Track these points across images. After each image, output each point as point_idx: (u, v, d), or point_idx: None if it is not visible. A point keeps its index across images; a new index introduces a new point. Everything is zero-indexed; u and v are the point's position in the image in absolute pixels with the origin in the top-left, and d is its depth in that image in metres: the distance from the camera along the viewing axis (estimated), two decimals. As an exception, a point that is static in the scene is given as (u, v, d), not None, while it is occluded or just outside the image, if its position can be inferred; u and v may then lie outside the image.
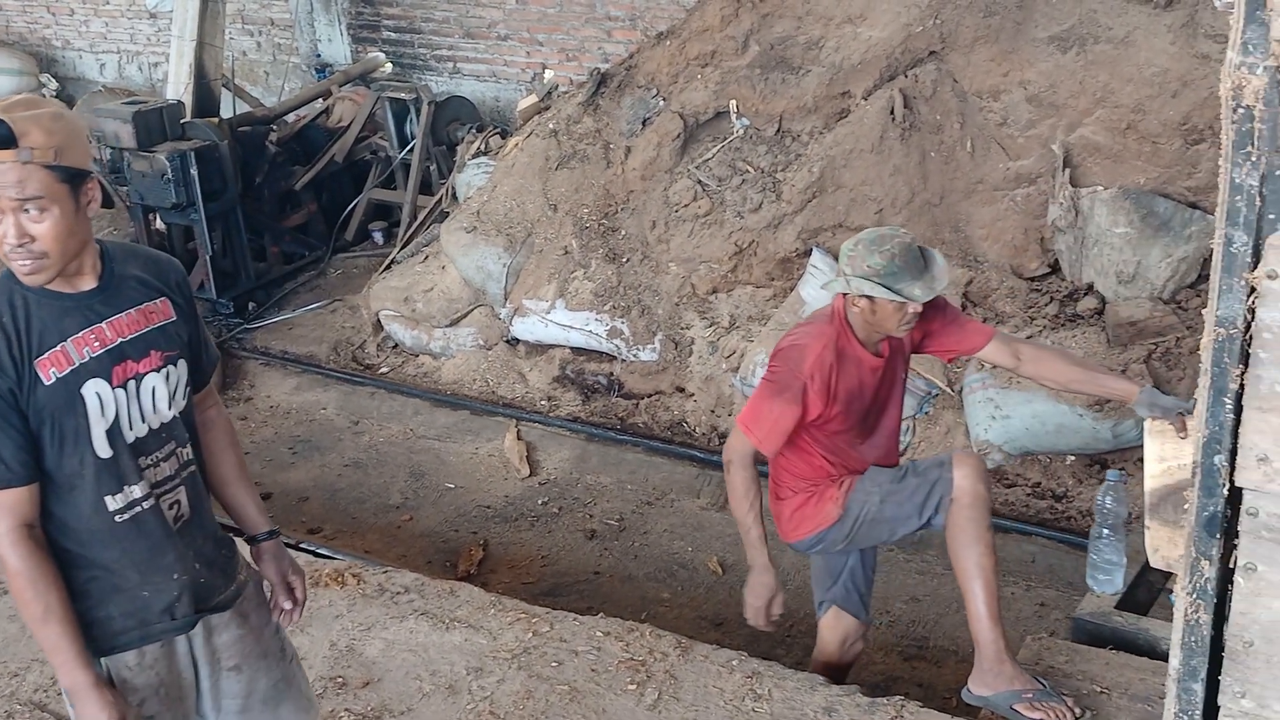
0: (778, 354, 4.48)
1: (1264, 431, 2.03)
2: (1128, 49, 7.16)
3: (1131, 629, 4.73)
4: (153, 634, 3.13)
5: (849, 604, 4.85)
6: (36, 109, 2.83)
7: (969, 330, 4.61)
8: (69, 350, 2.92)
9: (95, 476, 2.97)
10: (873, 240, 4.31)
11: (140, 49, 14.25)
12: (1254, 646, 2.18)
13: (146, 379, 3.05)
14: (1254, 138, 1.90)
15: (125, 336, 3.02)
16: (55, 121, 2.84)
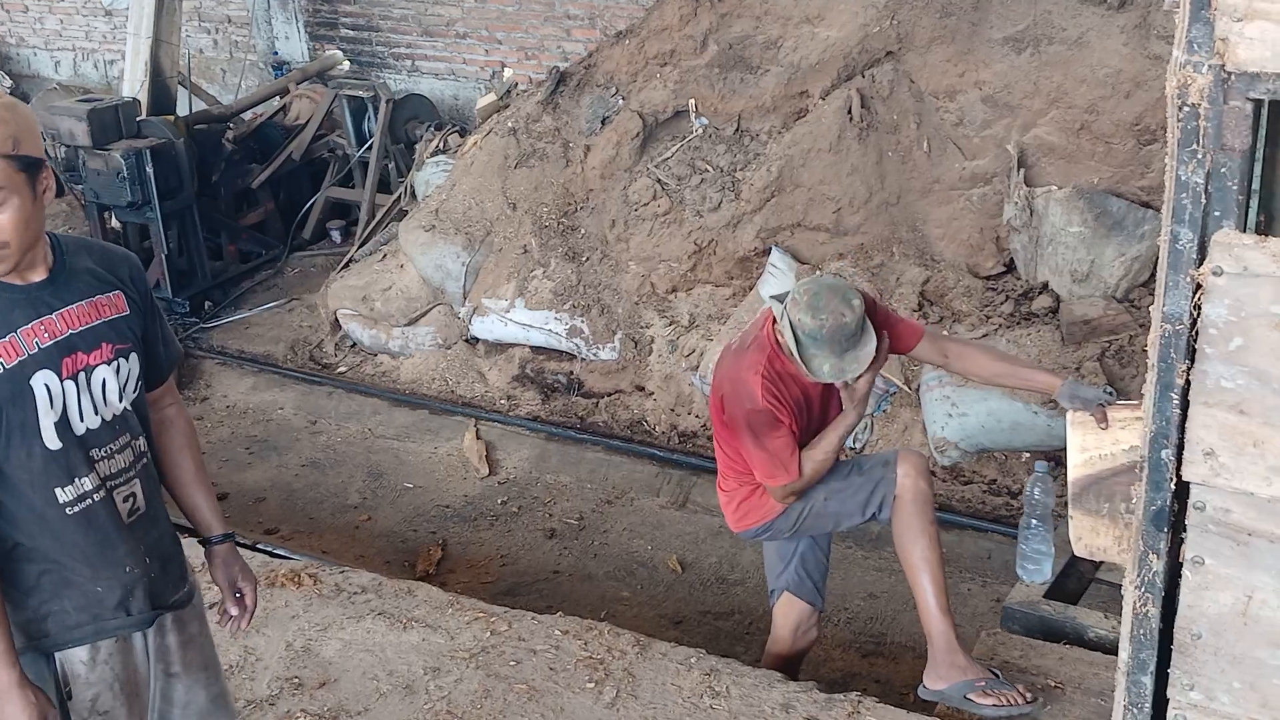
0: (724, 402, 4.53)
1: (1210, 426, 2.06)
2: (1081, 50, 7.21)
3: (1059, 617, 4.81)
4: (106, 629, 3.11)
5: (802, 590, 4.90)
6: None
7: (900, 331, 4.65)
8: (17, 341, 2.90)
9: (44, 468, 2.95)
10: (817, 298, 4.29)
11: (96, 46, 14.14)
12: (1202, 639, 2.21)
13: (96, 371, 3.02)
14: (1199, 135, 1.92)
15: (75, 329, 3.00)
16: (10, 111, 2.83)
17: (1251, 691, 2.20)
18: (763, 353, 4.47)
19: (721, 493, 4.83)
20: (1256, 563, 2.11)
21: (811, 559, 4.90)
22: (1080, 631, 4.75)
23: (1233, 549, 2.12)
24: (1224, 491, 2.09)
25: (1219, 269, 1.96)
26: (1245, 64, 1.85)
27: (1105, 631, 4.69)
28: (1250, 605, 2.14)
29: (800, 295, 4.31)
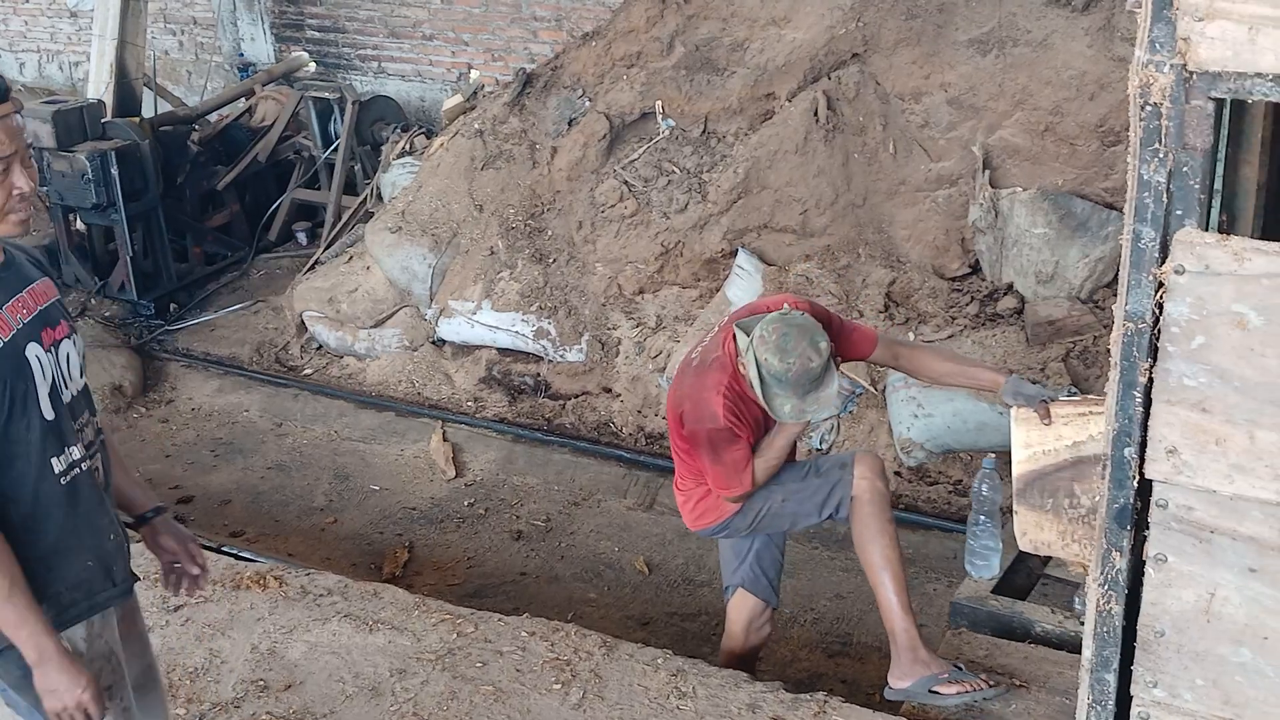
0: (684, 418, 4.56)
1: (1172, 424, 2.07)
2: (1046, 52, 7.25)
3: (1007, 612, 4.85)
4: (99, 603, 3.15)
5: (756, 587, 4.94)
6: None
7: (855, 339, 4.70)
8: (6, 316, 2.94)
9: (41, 439, 2.98)
10: (786, 340, 4.28)
11: (60, 48, 14.05)
12: (1165, 636, 2.22)
13: (63, 345, 3.08)
14: (1161, 135, 1.93)
15: (41, 305, 3.06)
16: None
17: (1214, 688, 2.21)
18: (725, 373, 4.49)
19: (679, 492, 4.87)
20: (1219, 560, 2.12)
21: (767, 556, 4.94)
22: (1027, 626, 4.79)
23: (1195, 546, 2.13)
24: (1186, 489, 2.10)
25: (1181, 267, 1.97)
26: (1207, 63, 1.86)
27: (1051, 626, 4.74)
28: (1213, 602, 2.15)
29: (769, 334, 4.28)
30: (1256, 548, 2.08)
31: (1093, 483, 4.07)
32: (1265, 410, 1.99)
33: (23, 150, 2.87)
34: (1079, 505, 4.18)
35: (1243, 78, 1.85)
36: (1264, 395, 1.99)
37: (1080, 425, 4.16)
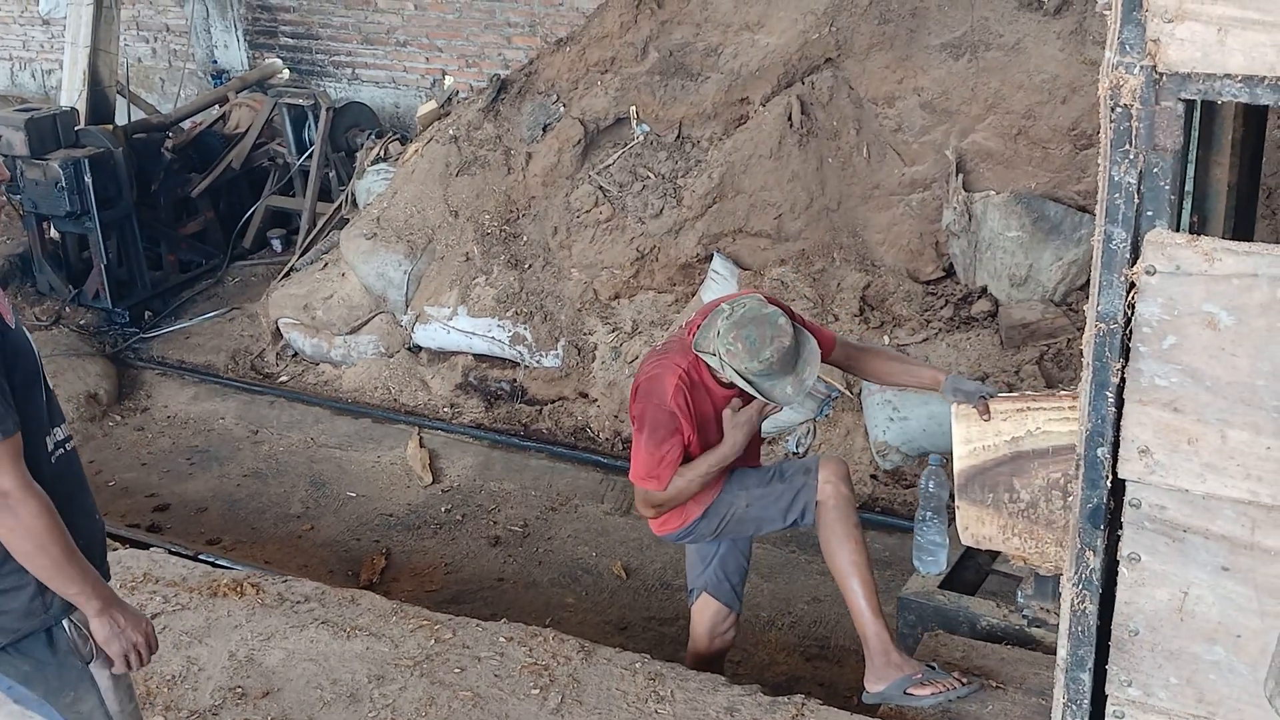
0: (637, 393, 4.55)
1: (1144, 424, 2.08)
2: (1018, 56, 7.28)
3: (953, 607, 4.92)
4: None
5: (719, 592, 4.95)
6: None
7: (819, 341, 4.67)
8: (4, 304, 3.03)
9: (38, 417, 3.03)
10: (752, 341, 4.26)
11: (33, 56, 13.98)
12: (1139, 635, 2.23)
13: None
14: (1132, 136, 1.95)
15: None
16: None
17: (1188, 686, 2.22)
18: (685, 357, 4.49)
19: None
20: (1191, 559, 2.13)
21: (731, 562, 4.95)
22: (973, 621, 4.84)
23: (1168, 545, 2.14)
24: (1159, 488, 2.11)
25: (1152, 268, 1.99)
26: (1176, 65, 1.88)
27: (996, 620, 4.79)
28: (1186, 601, 2.17)
29: (734, 345, 4.26)
30: (1229, 546, 2.10)
31: (1032, 477, 4.22)
32: (1236, 409, 2.01)
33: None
34: (1019, 499, 4.27)
35: (1212, 79, 1.87)
36: (1235, 395, 2.00)
37: (1019, 420, 4.22)
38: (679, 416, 4.43)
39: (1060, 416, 4.14)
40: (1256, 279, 1.92)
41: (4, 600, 3.06)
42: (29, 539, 2.94)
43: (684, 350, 4.51)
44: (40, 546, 2.95)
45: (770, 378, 4.30)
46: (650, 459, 4.46)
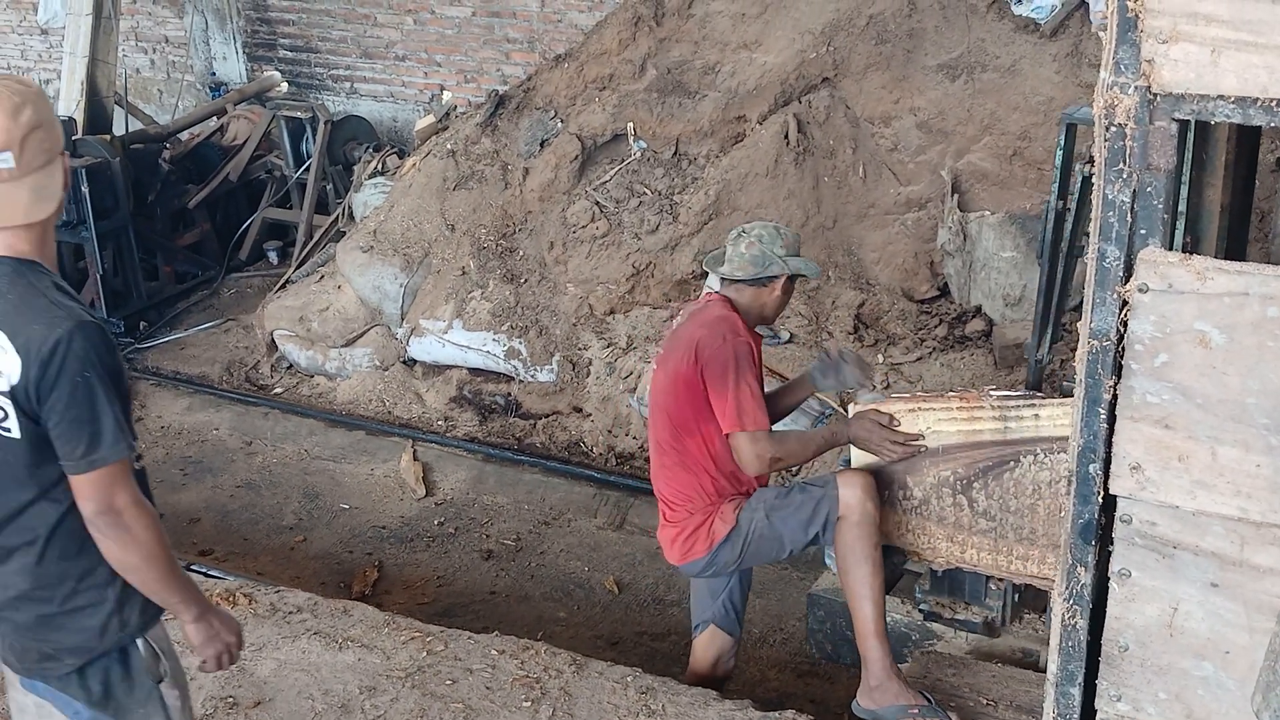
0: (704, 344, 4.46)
1: (1136, 440, 2.10)
2: (1014, 78, 7.32)
3: None
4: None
5: (726, 623, 4.92)
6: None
7: None
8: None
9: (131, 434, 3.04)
10: (782, 228, 4.59)
11: (31, 65, 14.00)
12: (1129, 651, 2.24)
13: None
14: (1126, 155, 1.97)
15: None
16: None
17: (1177, 702, 2.24)
18: (725, 307, 4.56)
19: (667, 525, 4.72)
20: (1181, 575, 2.15)
21: (739, 592, 4.92)
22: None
23: (1158, 561, 2.16)
24: (1150, 505, 2.13)
25: (1145, 286, 2.01)
26: (1170, 85, 1.90)
27: (900, 617, 4.92)
28: (1175, 617, 2.18)
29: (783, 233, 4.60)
30: (1218, 563, 2.12)
31: (923, 475, 4.38)
32: (1227, 427, 2.03)
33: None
34: (911, 497, 4.43)
35: (1205, 99, 1.89)
36: (1225, 412, 2.02)
37: (911, 421, 4.36)
38: (752, 351, 4.44)
39: (949, 417, 4.27)
40: (1248, 298, 1.95)
41: (81, 618, 3.05)
42: (139, 554, 2.96)
43: (723, 305, 4.59)
44: (148, 560, 2.98)
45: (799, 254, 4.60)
46: (754, 396, 4.37)
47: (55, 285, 2.96)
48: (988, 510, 4.34)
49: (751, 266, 4.55)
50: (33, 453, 2.91)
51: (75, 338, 2.84)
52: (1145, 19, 1.88)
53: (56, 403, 2.85)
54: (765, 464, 4.41)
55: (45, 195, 2.91)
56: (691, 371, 4.47)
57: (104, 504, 2.91)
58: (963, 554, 4.49)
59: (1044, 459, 4.19)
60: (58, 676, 3.09)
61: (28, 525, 2.98)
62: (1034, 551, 4.32)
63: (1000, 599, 4.89)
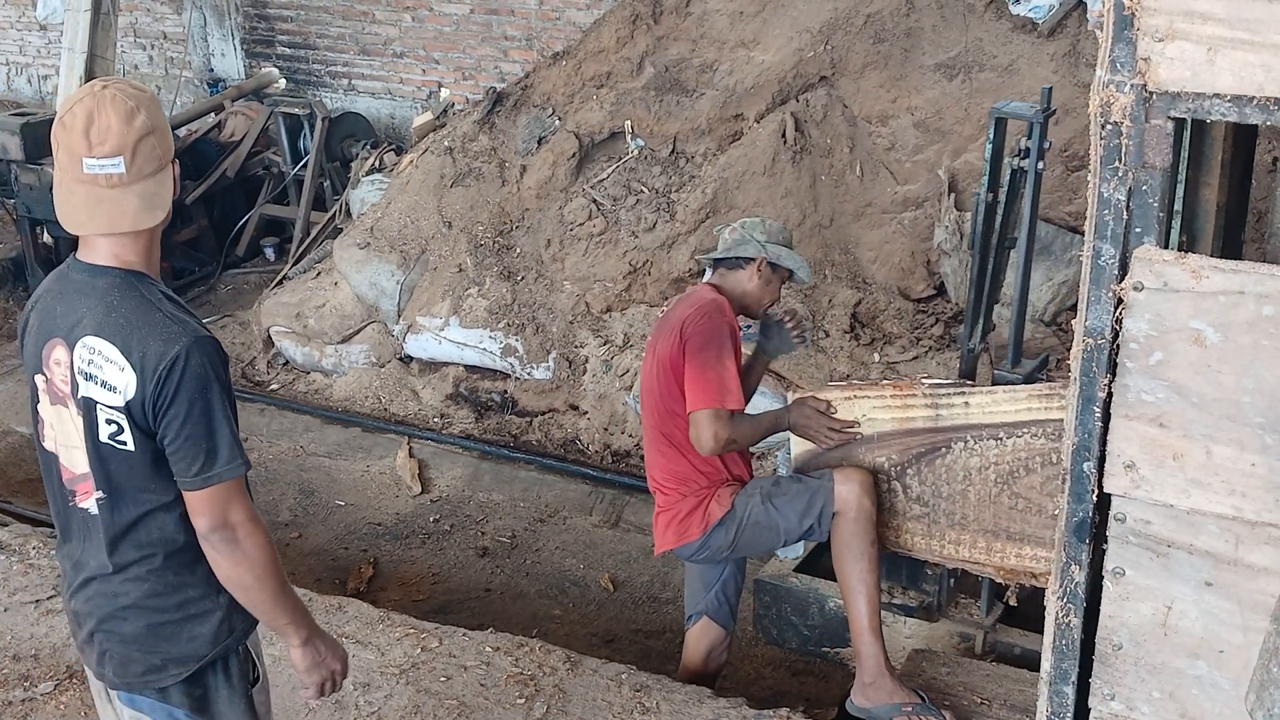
0: (690, 323, 4.48)
1: (1130, 439, 2.10)
2: (1011, 77, 7.32)
3: (804, 589, 5.22)
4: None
5: (719, 615, 4.93)
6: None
7: None
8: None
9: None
10: (770, 221, 4.69)
11: (29, 61, 13.99)
12: (1123, 649, 2.25)
13: None
14: (1121, 153, 1.97)
15: None
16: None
17: (1171, 701, 2.24)
18: (715, 294, 4.60)
19: (661, 511, 4.73)
20: (1176, 574, 2.15)
21: (733, 585, 4.92)
22: (822, 602, 5.14)
23: (1153, 560, 2.16)
24: (1144, 503, 2.13)
25: (1140, 284, 2.01)
26: (1166, 83, 1.90)
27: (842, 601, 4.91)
28: (1170, 616, 2.18)
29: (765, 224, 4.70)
30: (1212, 562, 2.12)
31: (860, 461, 4.50)
32: (1221, 426, 2.03)
33: None
34: None
35: (1201, 98, 1.89)
36: (1220, 411, 2.02)
37: (847, 408, 4.48)
38: (735, 334, 4.49)
39: (884, 405, 4.37)
40: (1243, 296, 1.95)
41: (193, 626, 3.06)
42: (252, 572, 2.96)
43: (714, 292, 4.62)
44: (261, 579, 2.97)
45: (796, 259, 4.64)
46: (726, 374, 4.40)
47: (167, 297, 2.94)
48: (921, 496, 4.44)
49: (729, 247, 4.63)
50: (150, 465, 2.91)
51: (193, 354, 2.83)
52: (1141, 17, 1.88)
53: (173, 420, 2.84)
54: (720, 445, 4.42)
55: (154, 203, 2.89)
56: (678, 352, 4.49)
57: (218, 520, 2.91)
58: (898, 539, 4.60)
59: (974, 445, 4.28)
60: (159, 688, 3.09)
61: (146, 536, 2.99)
62: (966, 536, 4.41)
63: (937, 584, 4.95)
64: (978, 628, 4.92)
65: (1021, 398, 4.22)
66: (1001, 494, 4.30)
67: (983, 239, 4.65)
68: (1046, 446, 4.16)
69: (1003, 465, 4.26)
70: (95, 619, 3.08)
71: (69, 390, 2.91)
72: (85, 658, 3.19)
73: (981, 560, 4.44)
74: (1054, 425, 4.11)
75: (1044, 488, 4.21)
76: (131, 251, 2.92)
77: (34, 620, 5.29)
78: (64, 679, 4.93)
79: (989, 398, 4.26)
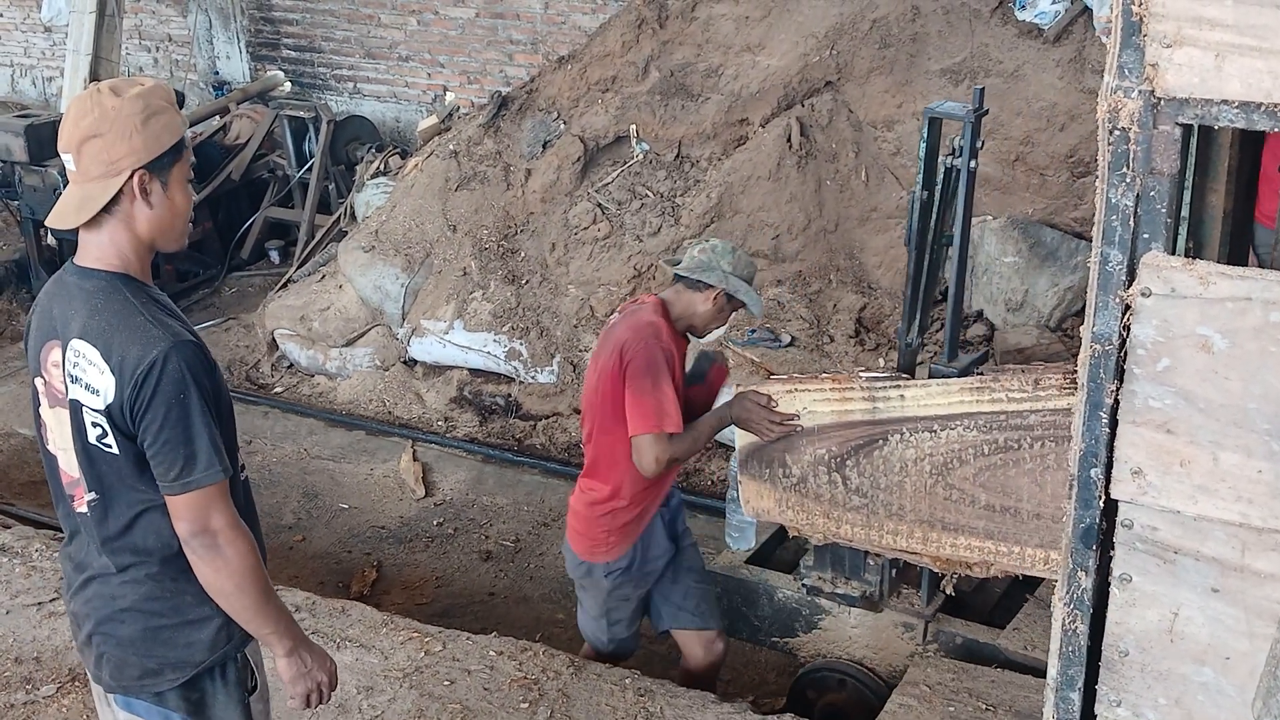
0: (629, 347, 4.56)
1: (1138, 445, 2.09)
2: (1017, 83, 7.32)
3: (754, 580, 5.29)
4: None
5: (679, 621, 5.00)
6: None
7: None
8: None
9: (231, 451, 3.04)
10: (740, 251, 4.73)
11: (34, 63, 14.02)
12: (1129, 656, 2.24)
13: None
14: (1129, 159, 1.96)
15: None
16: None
17: (1176, 707, 2.23)
18: (657, 315, 4.64)
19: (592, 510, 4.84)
20: (1182, 580, 2.14)
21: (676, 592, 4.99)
22: (771, 592, 5.19)
23: (1159, 566, 2.15)
24: (1151, 509, 2.12)
25: (1147, 290, 2.00)
26: (1174, 89, 1.90)
27: (790, 592, 5.14)
28: (1176, 622, 2.18)
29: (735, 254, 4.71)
30: (1219, 568, 2.11)
31: (801, 453, 4.58)
32: (1228, 432, 2.02)
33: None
34: (790, 474, 4.63)
35: (1209, 104, 1.88)
36: (1227, 417, 2.02)
37: (789, 401, 4.56)
38: (674, 358, 4.55)
39: (824, 397, 4.46)
40: (1250, 303, 1.94)
41: (190, 632, 3.06)
42: (232, 579, 2.95)
43: (655, 312, 4.66)
44: (241, 587, 2.97)
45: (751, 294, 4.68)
46: (665, 399, 4.46)
47: (154, 300, 2.96)
48: (860, 487, 4.52)
49: (694, 267, 4.67)
50: (135, 467, 2.92)
51: (171, 358, 2.84)
52: (1150, 23, 1.87)
53: (151, 424, 2.84)
54: (661, 466, 4.52)
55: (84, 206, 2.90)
56: (616, 371, 4.58)
57: (199, 526, 2.91)
58: (838, 529, 4.67)
59: (909, 438, 4.36)
60: (156, 692, 3.09)
61: (141, 538, 2.99)
62: (903, 527, 4.49)
63: (879, 574, 5.00)
64: (919, 617, 4.97)
65: (954, 391, 4.27)
66: (936, 485, 4.37)
67: (919, 236, 4.70)
68: (979, 439, 4.22)
69: (937, 457, 4.33)
70: (93, 620, 3.08)
71: (64, 392, 2.92)
72: (84, 660, 3.21)
73: (918, 550, 4.53)
74: (985, 418, 4.17)
75: (976, 479, 4.29)
76: (115, 255, 2.94)
77: (36, 623, 5.29)
78: (66, 682, 4.93)
79: (923, 390, 4.33)
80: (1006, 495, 4.23)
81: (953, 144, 4.65)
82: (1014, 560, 4.32)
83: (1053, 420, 4.05)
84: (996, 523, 4.29)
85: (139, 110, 2.86)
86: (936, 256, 4.82)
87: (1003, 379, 4.14)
